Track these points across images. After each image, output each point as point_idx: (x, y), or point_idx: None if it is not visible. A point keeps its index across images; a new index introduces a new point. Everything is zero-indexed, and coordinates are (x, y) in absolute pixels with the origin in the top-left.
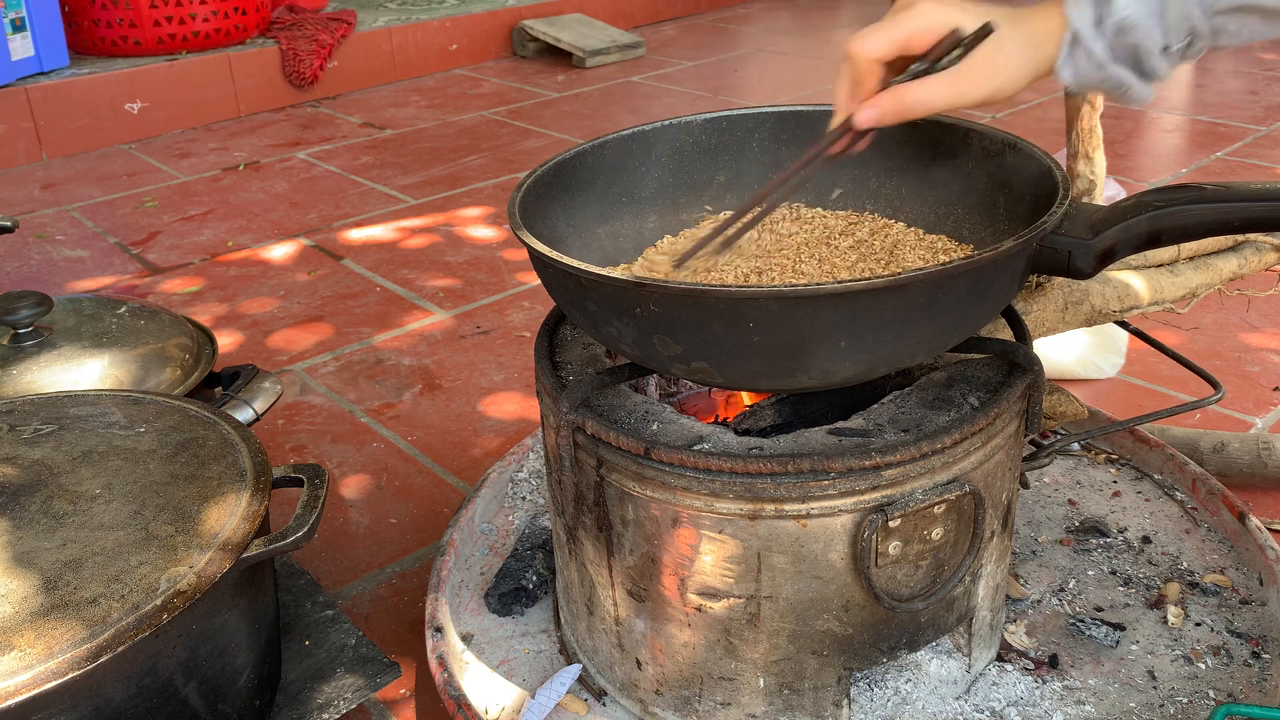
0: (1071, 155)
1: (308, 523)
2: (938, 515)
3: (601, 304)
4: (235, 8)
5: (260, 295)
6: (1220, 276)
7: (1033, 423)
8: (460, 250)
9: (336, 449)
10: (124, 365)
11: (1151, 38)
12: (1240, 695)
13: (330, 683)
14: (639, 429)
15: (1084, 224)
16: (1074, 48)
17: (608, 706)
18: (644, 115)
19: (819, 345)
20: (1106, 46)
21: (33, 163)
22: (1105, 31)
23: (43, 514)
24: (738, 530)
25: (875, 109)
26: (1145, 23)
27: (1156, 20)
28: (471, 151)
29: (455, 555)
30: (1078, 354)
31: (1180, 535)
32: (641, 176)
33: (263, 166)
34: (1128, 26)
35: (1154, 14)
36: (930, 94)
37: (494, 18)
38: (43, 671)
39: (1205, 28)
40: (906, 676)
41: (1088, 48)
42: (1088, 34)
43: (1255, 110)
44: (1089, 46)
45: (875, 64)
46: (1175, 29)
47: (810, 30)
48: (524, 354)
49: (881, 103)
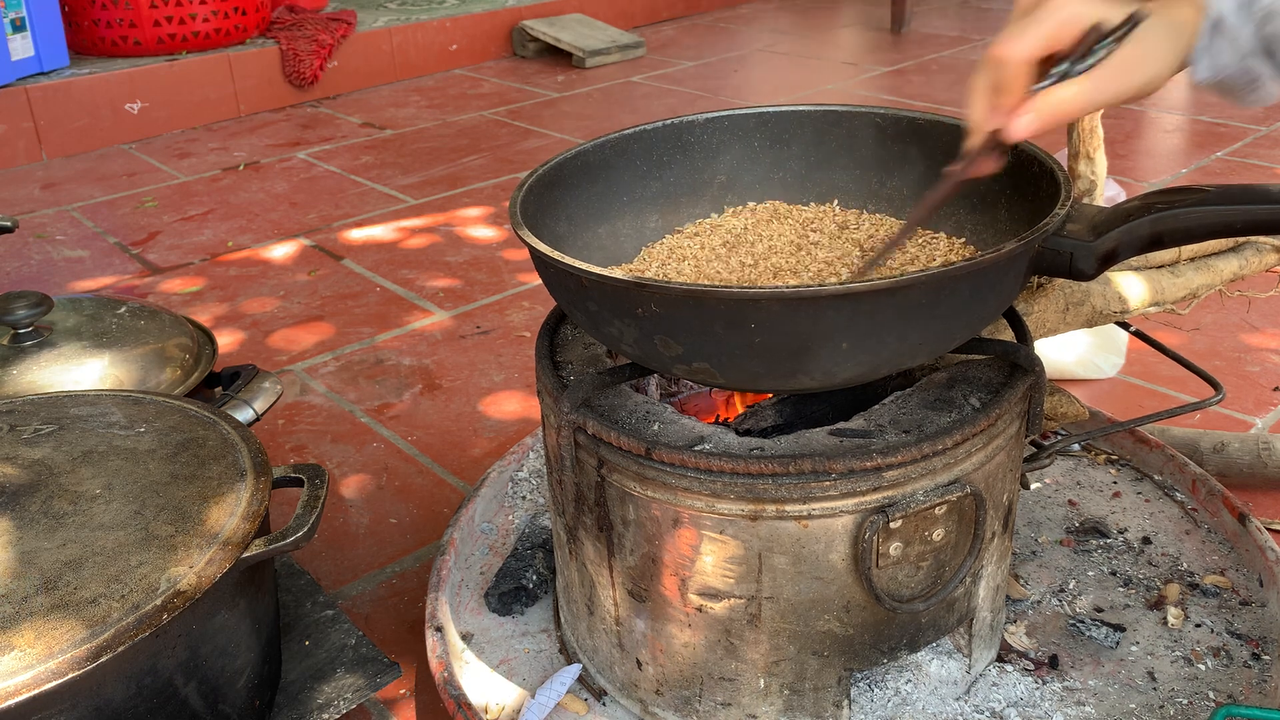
0: (1072, 155)
1: (308, 523)
2: (939, 516)
3: (602, 304)
4: (235, 8)
5: (260, 295)
6: (1221, 277)
7: (1034, 424)
8: (460, 250)
9: (336, 449)
10: (124, 365)
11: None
12: (1240, 696)
13: (330, 683)
14: (640, 429)
15: (1086, 226)
16: (1215, 35)
17: (608, 706)
18: (644, 115)
19: (821, 346)
20: (1252, 33)
21: (33, 163)
22: (1252, 16)
23: (43, 514)
24: (739, 531)
25: (1034, 114)
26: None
27: None
28: (471, 151)
29: (455, 555)
30: (1078, 354)
31: (1180, 536)
32: (642, 176)
33: (263, 166)
34: (1274, 12)
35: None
36: (1084, 93)
37: (494, 18)
38: (43, 671)
39: None
40: (907, 677)
41: (1232, 34)
42: (1232, 19)
43: (1255, 110)
44: (1234, 33)
45: (1027, 66)
46: None
47: (810, 30)
48: (524, 354)
49: (1040, 106)
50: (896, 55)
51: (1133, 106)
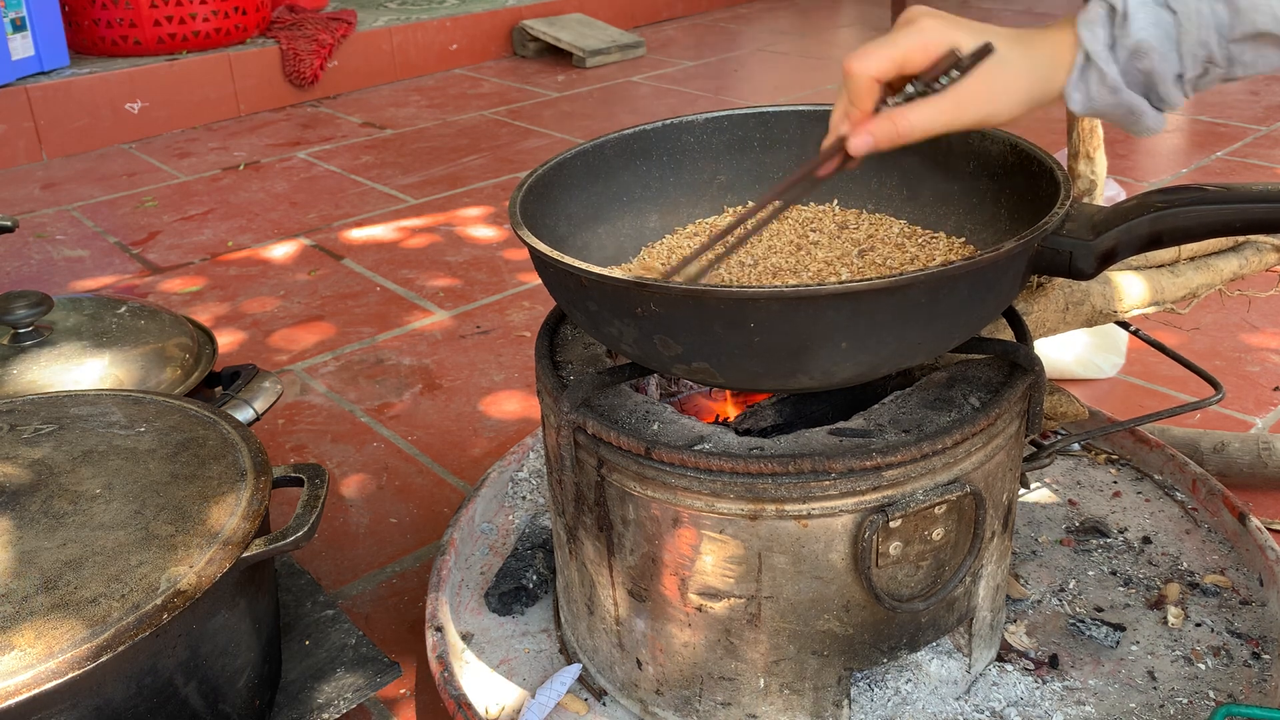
0: (1072, 155)
1: (308, 522)
2: (938, 516)
3: (602, 304)
4: (235, 7)
5: (260, 295)
6: (1221, 277)
7: (1033, 423)
8: (460, 250)
9: (336, 449)
10: (124, 365)
11: (1167, 63)
12: (1240, 696)
13: (330, 682)
14: (640, 429)
15: (1085, 225)
16: (1086, 70)
17: (608, 706)
18: (644, 115)
19: (820, 346)
20: (1120, 70)
21: (33, 162)
22: (1119, 54)
23: (43, 514)
24: (738, 530)
25: (870, 136)
26: (1161, 47)
27: (1172, 45)
28: (471, 151)
29: (455, 555)
30: (1078, 354)
31: (1180, 536)
32: (642, 176)
33: (263, 166)
34: (1143, 50)
35: (1170, 39)
36: (925, 118)
37: (494, 18)
38: (43, 671)
39: (1221, 56)
40: (907, 677)
41: (1101, 70)
42: (1101, 56)
43: (1255, 110)
44: (1102, 69)
45: (873, 82)
46: (1191, 56)
47: (810, 30)
48: (524, 354)
49: (876, 129)
50: None
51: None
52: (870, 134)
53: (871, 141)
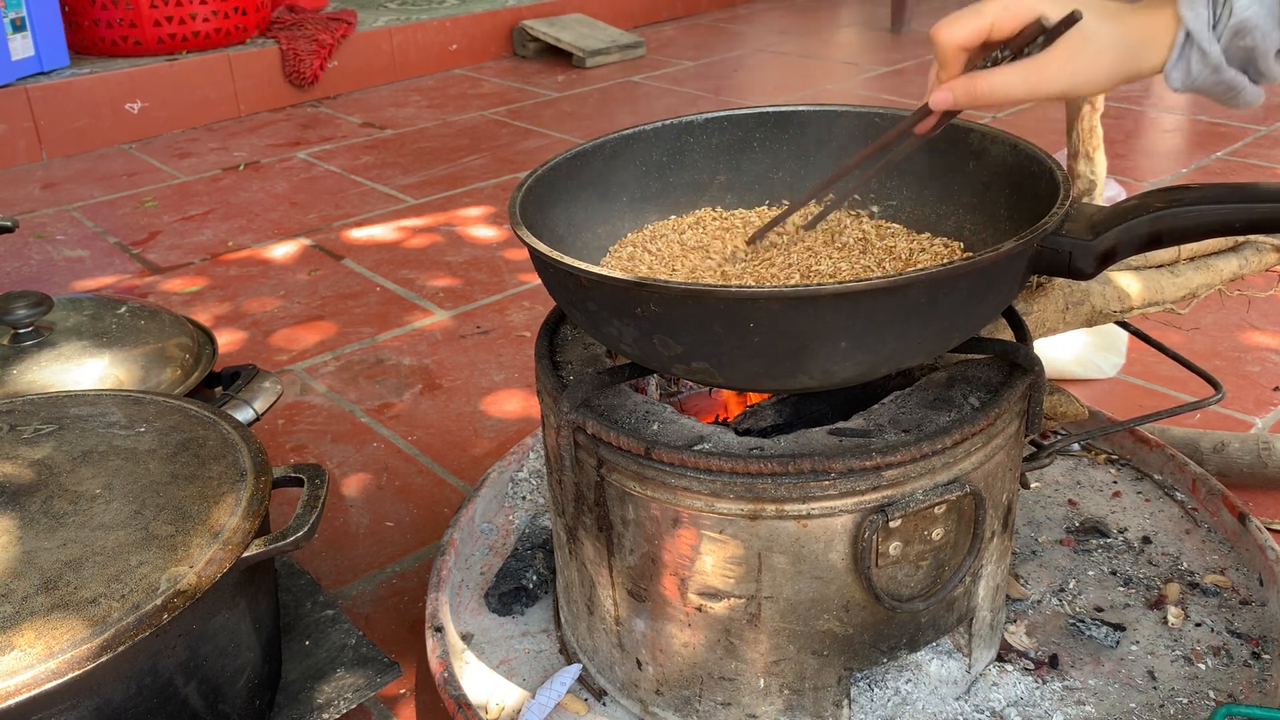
0: (1072, 155)
1: (308, 522)
2: (938, 516)
3: (602, 304)
4: (235, 8)
5: (260, 295)
6: (1221, 277)
7: (1033, 423)
8: (460, 250)
9: (336, 449)
10: (124, 365)
11: (1270, 40)
12: (1240, 696)
13: (330, 682)
14: (639, 429)
15: (1085, 225)
16: (1186, 49)
17: (608, 706)
18: (644, 115)
19: (820, 346)
20: (1222, 49)
21: (33, 162)
22: (1222, 33)
23: (43, 514)
24: (738, 530)
25: (949, 93)
26: (1264, 24)
27: (1275, 22)
28: (471, 151)
29: (455, 555)
30: (1077, 354)
31: (1180, 536)
32: (642, 176)
33: (263, 166)
34: (1247, 28)
35: (1273, 15)
36: (1004, 82)
37: (494, 18)
38: (43, 671)
39: None
40: (907, 677)
41: (1203, 49)
42: (1204, 35)
43: (1255, 110)
44: (1205, 48)
45: (959, 50)
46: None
47: (810, 30)
48: (524, 354)
49: (956, 87)
50: (896, 55)
51: (1133, 106)
52: (950, 90)
53: (950, 98)
